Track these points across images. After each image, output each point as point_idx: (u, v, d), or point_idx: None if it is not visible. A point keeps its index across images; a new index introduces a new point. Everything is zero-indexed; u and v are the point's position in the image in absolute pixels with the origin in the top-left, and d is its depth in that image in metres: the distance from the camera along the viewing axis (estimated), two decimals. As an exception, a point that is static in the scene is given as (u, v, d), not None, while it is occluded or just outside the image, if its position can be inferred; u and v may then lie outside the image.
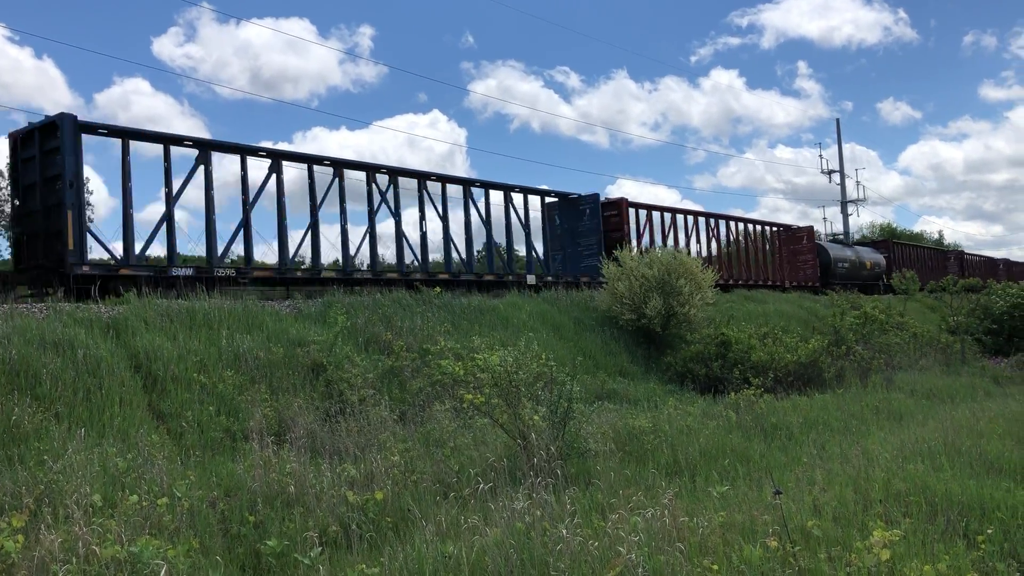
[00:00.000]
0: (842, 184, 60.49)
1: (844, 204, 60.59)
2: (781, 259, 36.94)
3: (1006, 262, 66.89)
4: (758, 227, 36.20)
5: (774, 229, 37.31)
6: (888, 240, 44.63)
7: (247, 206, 17.78)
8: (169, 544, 5.81)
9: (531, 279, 23.70)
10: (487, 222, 23.93)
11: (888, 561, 5.03)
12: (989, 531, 6.15)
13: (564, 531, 5.79)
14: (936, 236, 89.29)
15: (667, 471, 9.20)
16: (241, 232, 17.73)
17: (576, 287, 24.20)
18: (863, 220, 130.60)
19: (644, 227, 28.60)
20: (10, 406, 9.24)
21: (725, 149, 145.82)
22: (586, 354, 18.35)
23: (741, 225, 34.91)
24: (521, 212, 25.12)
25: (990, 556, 5.77)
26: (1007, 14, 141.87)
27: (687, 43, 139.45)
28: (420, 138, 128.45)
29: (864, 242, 44.41)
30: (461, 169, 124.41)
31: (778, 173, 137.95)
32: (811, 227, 38.77)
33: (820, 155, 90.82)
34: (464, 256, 22.87)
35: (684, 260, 21.55)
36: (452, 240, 22.33)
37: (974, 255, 62.89)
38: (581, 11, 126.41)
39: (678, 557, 5.37)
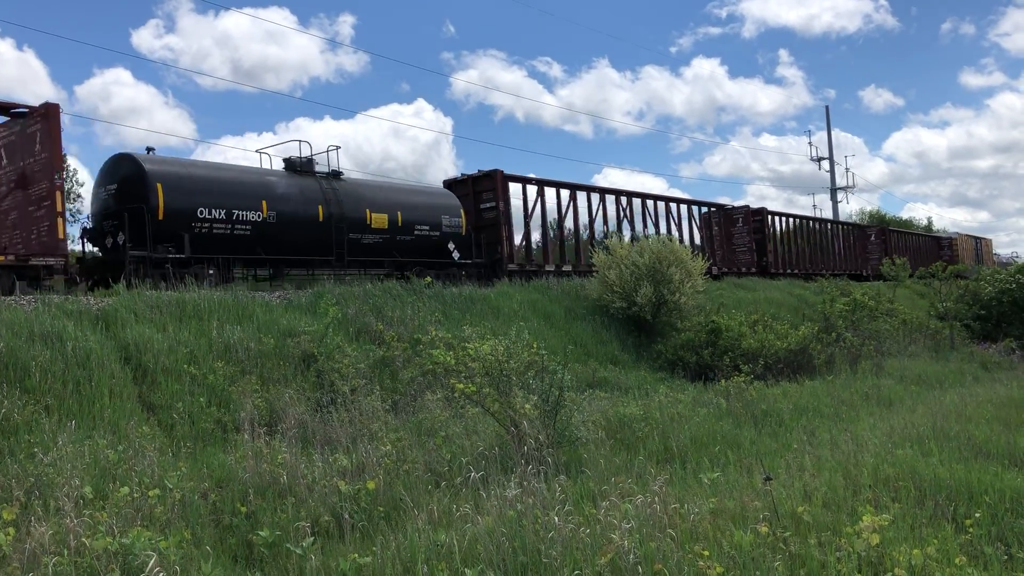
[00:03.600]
0: (832, 170, 60.73)
1: (834, 191, 60.84)
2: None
3: (883, 232, 48.37)
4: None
5: None
6: (497, 175, 23.15)
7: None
8: (161, 535, 5.80)
9: None
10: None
11: (877, 546, 5.07)
12: (977, 515, 6.20)
13: (556, 519, 5.81)
14: (924, 223, 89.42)
15: (658, 458, 9.24)
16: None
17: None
18: (852, 207, 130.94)
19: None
20: (-1, 399, 9.19)
21: (710, 137, 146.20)
22: (577, 342, 18.38)
23: None
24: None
25: (978, 540, 5.82)
26: (984, 2, 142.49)
27: (667, 33, 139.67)
28: (406, 127, 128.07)
29: (453, 184, 24.21)
30: (448, 159, 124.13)
31: (763, 161, 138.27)
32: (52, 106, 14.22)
33: (809, 142, 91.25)
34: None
35: (675, 248, 21.58)
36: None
37: (788, 215, 39.42)
38: (560, 1, 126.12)
39: (669, 543, 5.40)
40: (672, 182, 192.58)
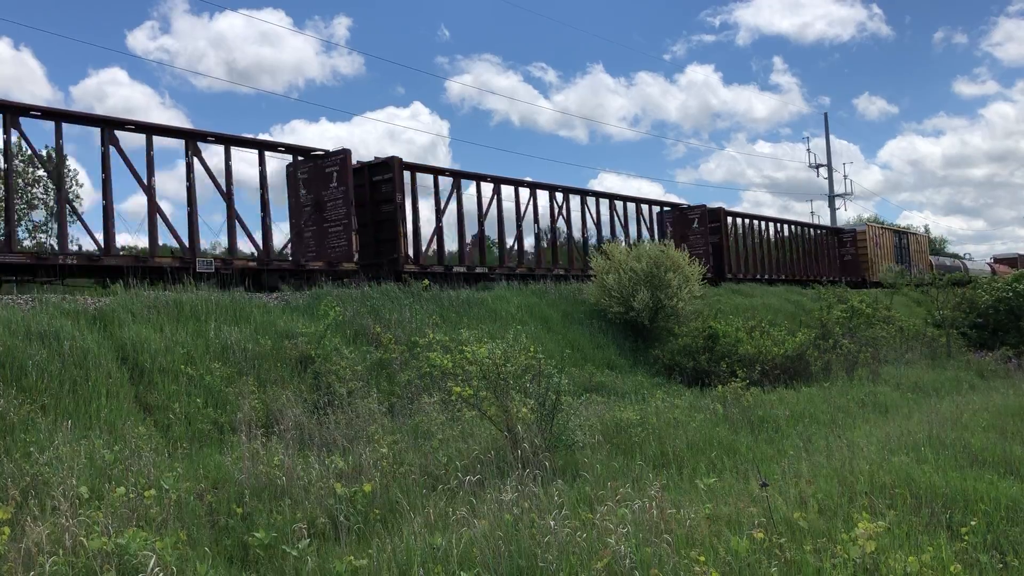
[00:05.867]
0: (830, 178, 60.91)
1: (832, 198, 61.03)
2: None
3: (714, 216, 31.14)
4: None
5: None
6: None
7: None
8: (156, 536, 5.80)
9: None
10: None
11: (873, 553, 5.08)
12: (973, 523, 6.22)
13: (552, 523, 5.81)
14: (922, 230, 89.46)
15: (654, 463, 9.24)
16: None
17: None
18: (850, 214, 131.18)
19: None
20: (-5, 398, 9.17)
21: (705, 144, 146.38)
22: (574, 347, 18.38)
23: None
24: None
25: (973, 548, 5.83)
26: (975, 12, 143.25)
27: (660, 40, 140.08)
28: (402, 129, 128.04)
29: None
30: (445, 163, 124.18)
31: (759, 168, 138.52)
32: None
33: (807, 149, 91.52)
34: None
35: (672, 254, 21.60)
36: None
37: (500, 179, 23.45)
38: (553, 5, 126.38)
39: (665, 549, 5.40)
40: (668, 187, 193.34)
